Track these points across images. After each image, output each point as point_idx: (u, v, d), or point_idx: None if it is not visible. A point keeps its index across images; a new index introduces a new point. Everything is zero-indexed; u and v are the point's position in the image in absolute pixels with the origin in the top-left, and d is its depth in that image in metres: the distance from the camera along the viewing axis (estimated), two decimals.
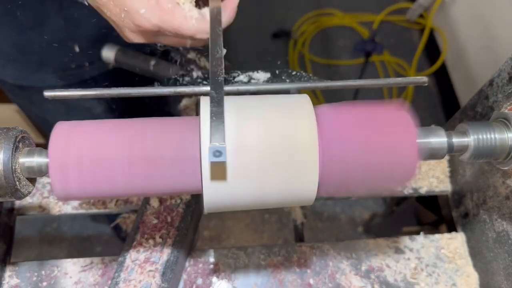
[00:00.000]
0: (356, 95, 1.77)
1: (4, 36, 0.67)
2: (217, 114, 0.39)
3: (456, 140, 0.45)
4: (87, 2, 0.48)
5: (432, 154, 0.45)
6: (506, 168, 0.47)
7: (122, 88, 0.47)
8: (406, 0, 2.03)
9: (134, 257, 0.59)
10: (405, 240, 0.69)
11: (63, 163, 0.39)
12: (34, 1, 0.61)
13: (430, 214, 1.37)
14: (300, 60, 1.94)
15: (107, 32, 0.53)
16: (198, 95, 0.53)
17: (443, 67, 1.81)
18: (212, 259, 0.66)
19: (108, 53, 0.63)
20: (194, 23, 0.45)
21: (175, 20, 0.45)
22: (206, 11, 0.47)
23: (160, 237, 0.61)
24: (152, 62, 0.61)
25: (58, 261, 0.65)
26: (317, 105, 0.43)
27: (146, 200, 0.64)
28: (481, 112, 0.62)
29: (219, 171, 0.38)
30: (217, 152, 0.35)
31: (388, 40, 1.98)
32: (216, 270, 0.65)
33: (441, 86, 1.85)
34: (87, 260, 0.65)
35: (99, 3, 0.46)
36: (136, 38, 0.47)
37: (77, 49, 0.57)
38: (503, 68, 0.57)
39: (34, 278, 0.63)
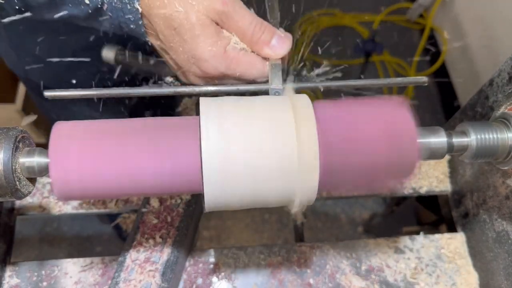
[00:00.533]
0: (356, 95, 1.77)
1: (38, 40, 0.67)
2: (275, 63, 0.48)
3: (456, 140, 0.45)
4: (150, 43, 0.49)
5: (432, 154, 0.45)
6: (506, 168, 0.47)
7: (122, 88, 0.47)
8: (406, 0, 2.03)
9: (134, 257, 0.59)
10: (405, 240, 0.69)
11: (63, 163, 0.39)
12: None
13: (430, 214, 1.37)
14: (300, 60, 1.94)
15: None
16: (198, 95, 0.53)
17: (443, 67, 1.81)
18: (212, 259, 0.66)
19: (108, 53, 0.63)
20: (258, 69, 0.48)
21: (240, 67, 0.47)
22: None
23: (160, 237, 0.61)
24: (152, 61, 0.61)
25: (58, 261, 0.65)
26: (316, 101, 0.43)
27: (146, 200, 0.64)
28: (481, 112, 0.62)
29: (219, 170, 0.39)
30: (277, 93, 0.47)
31: (388, 40, 1.98)
32: (216, 270, 0.65)
33: (441, 86, 1.85)
34: (87, 260, 0.65)
35: (166, 46, 0.48)
36: (198, 82, 0.50)
37: None
38: (503, 68, 0.57)
39: (34, 278, 0.63)
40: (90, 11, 0.46)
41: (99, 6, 0.45)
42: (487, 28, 1.47)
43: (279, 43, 0.48)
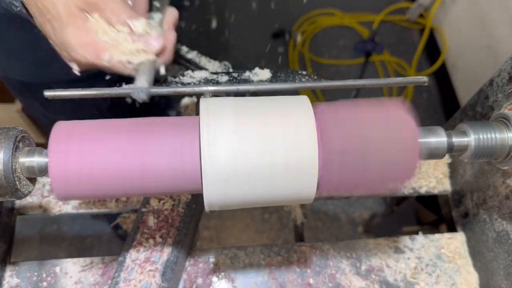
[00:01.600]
0: (356, 95, 1.77)
1: (13, 34, 0.67)
2: (145, 61, 0.47)
3: (456, 140, 0.45)
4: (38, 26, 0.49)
5: (432, 154, 0.45)
6: (506, 167, 0.47)
7: (122, 88, 0.47)
8: (406, 0, 2.03)
9: (134, 256, 0.59)
10: (405, 240, 0.69)
11: (63, 162, 0.39)
12: None
13: (430, 214, 1.37)
14: (300, 60, 1.94)
15: None
16: (198, 95, 0.53)
17: (443, 67, 1.81)
18: (212, 259, 0.66)
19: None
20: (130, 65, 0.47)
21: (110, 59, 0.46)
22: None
23: (160, 236, 0.61)
24: None
25: (58, 261, 0.65)
26: (316, 103, 0.43)
27: (146, 200, 0.64)
28: (481, 112, 0.62)
29: (219, 170, 0.39)
30: (141, 92, 0.45)
31: (388, 40, 1.97)
32: (216, 270, 0.65)
33: (441, 86, 1.85)
34: (87, 260, 0.65)
35: (44, 32, 0.48)
36: (75, 67, 0.49)
37: None
38: (503, 68, 0.57)
39: (34, 278, 0.63)
40: None
41: None
42: (487, 28, 1.47)
43: (152, 37, 0.47)
